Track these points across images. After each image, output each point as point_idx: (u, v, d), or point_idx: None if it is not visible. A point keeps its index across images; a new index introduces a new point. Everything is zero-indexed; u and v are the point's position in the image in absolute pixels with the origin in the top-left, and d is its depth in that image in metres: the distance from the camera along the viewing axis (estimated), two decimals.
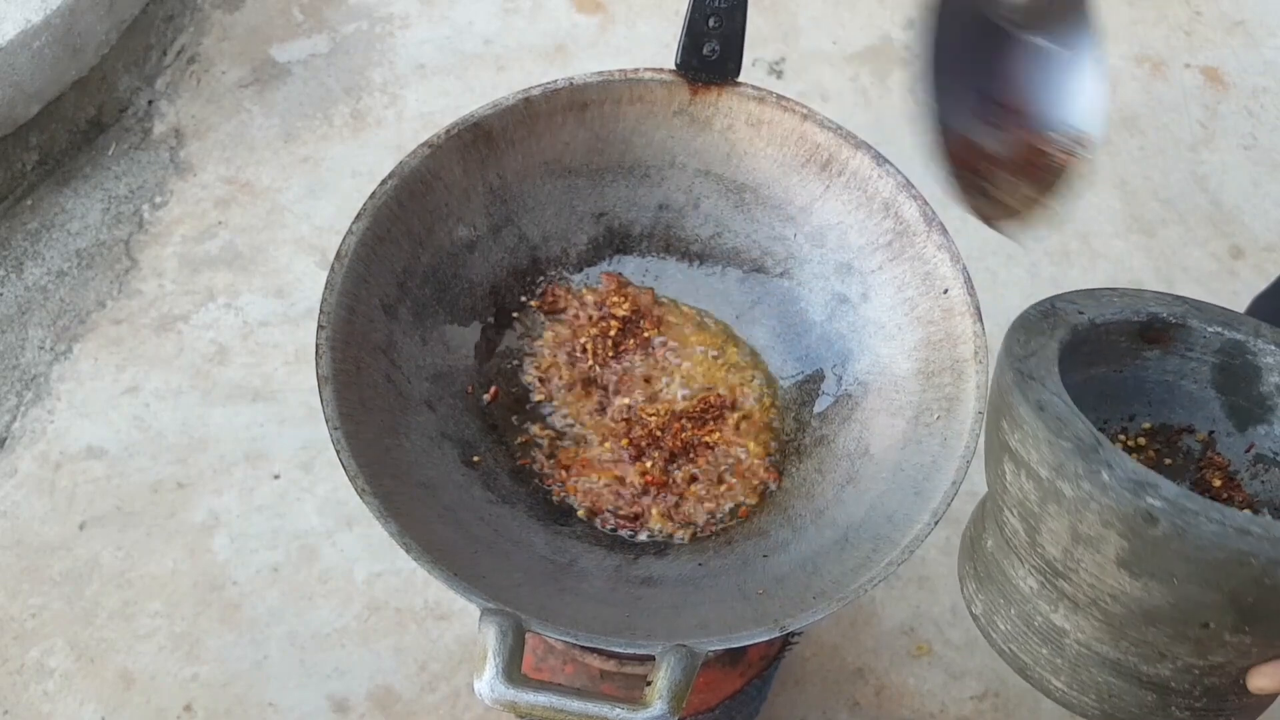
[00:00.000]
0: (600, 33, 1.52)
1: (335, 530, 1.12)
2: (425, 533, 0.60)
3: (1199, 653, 0.44)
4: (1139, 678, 0.46)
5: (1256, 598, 0.40)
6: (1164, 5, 1.59)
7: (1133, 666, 0.46)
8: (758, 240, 0.77)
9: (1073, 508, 0.43)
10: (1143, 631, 0.44)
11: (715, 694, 0.83)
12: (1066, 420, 0.45)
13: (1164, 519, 0.40)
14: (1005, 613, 0.50)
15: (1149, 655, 0.46)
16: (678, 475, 0.72)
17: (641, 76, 0.74)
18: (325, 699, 1.03)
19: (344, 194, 1.34)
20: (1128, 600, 0.43)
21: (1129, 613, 0.44)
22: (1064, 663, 0.48)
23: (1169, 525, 0.40)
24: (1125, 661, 0.46)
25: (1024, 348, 0.51)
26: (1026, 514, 0.46)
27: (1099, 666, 0.47)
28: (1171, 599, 0.42)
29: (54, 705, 1.02)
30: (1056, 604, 0.47)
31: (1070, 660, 0.48)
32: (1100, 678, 0.47)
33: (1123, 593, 0.43)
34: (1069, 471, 0.43)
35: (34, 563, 1.09)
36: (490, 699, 0.53)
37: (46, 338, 1.23)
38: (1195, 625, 0.42)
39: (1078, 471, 0.42)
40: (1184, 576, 0.41)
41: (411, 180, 0.69)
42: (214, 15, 1.50)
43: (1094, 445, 0.43)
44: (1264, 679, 0.44)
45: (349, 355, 0.64)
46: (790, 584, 0.63)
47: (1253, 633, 0.42)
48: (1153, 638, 0.44)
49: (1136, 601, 0.43)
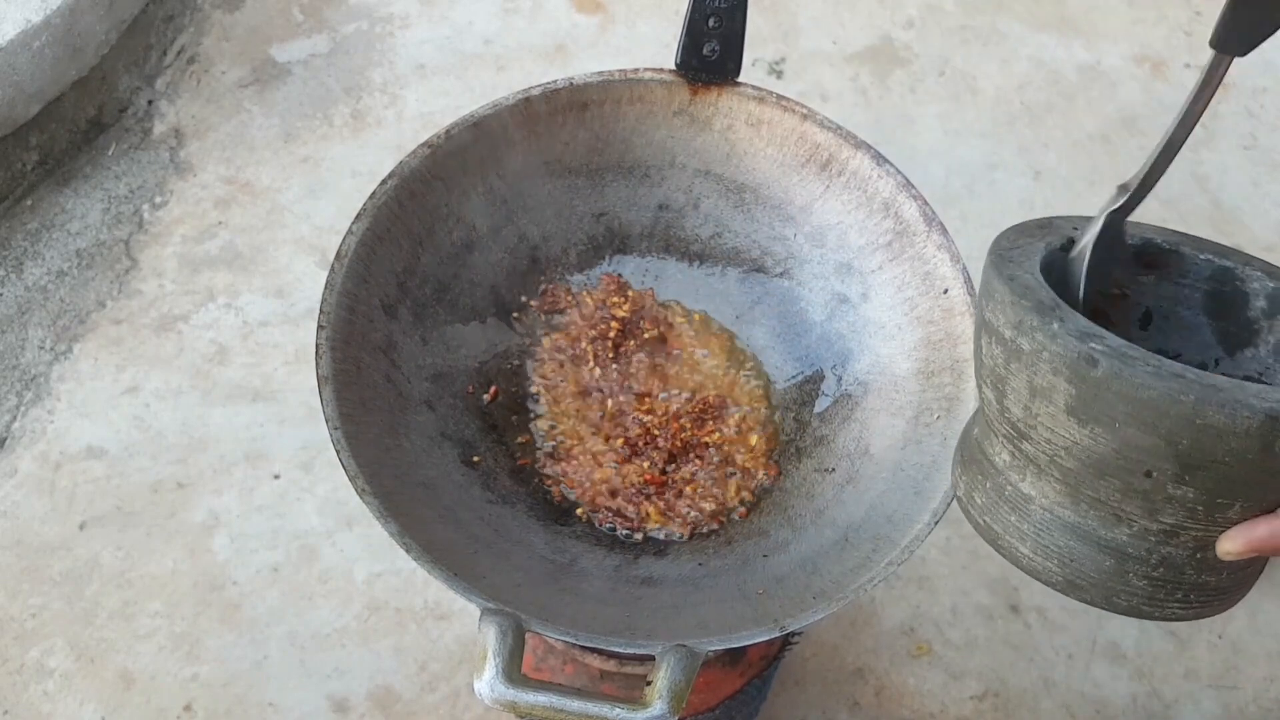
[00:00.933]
0: (600, 33, 1.52)
1: (335, 530, 1.12)
2: (425, 533, 0.60)
3: (1148, 512, 0.47)
4: (1098, 542, 0.49)
5: (1191, 441, 0.43)
6: (1164, 5, 1.59)
7: (1092, 530, 0.49)
8: (758, 240, 0.77)
9: (1030, 361, 0.46)
10: (1095, 488, 0.47)
11: (715, 694, 0.83)
12: (1032, 288, 0.49)
13: (1104, 360, 0.44)
14: (982, 486, 0.53)
15: (1105, 518, 0.49)
16: (676, 475, 0.72)
17: (641, 76, 0.74)
18: (325, 699, 1.03)
19: (344, 194, 1.34)
20: (1079, 452, 0.46)
21: (1081, 466, 0.47)
22: (1029, 528, 0.51)
23: (1108, 366, 0.44)
24: (1084, 525, 0.49)
25: (1010, 243, 0.54)
26: (996, 380, 0.49)
27: (1061, 530, 0.50)
28: (1115, 444, 0.45)
29: (54, 705, 1.02)
30: (1024, 471, 0.50)
31: (1035, 525, 0.51)
32: (1062, 541, 0.50)
33: (1074, 444, 0.46)
34: (1026, 326, 0.46)
35: (34, 563, 1.09)
36: (490, 699, 0.53)
37: (46, 338, 1.23)
38: (1139, 474, 0.45)
39: (1033, 325, 0.46)
40: (1123, 419, 0.44)
41: (411, 180, 0.69)
42: (214, 15, 1.50)
43: (1052, 305, 0.47)
44: (1229, 542, 0.46)
45: (349, 355, 0.64)
46: (790, 584, 0.63)
47: (1193, 484, 0.45)
48: (1105, 495, 0.47)
49: (1086, 451, 0.46)
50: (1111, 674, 1.07)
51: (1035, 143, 1.44)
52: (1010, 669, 1.07)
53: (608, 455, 0.72)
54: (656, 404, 0.74)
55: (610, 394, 0.74)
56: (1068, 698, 1.06)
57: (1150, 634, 1.10)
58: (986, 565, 1.12)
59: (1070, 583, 0.51)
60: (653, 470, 0.71)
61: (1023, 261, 0.52)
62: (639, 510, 0.71)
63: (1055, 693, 1.06)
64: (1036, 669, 1.07)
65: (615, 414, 0.74)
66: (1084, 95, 1.49)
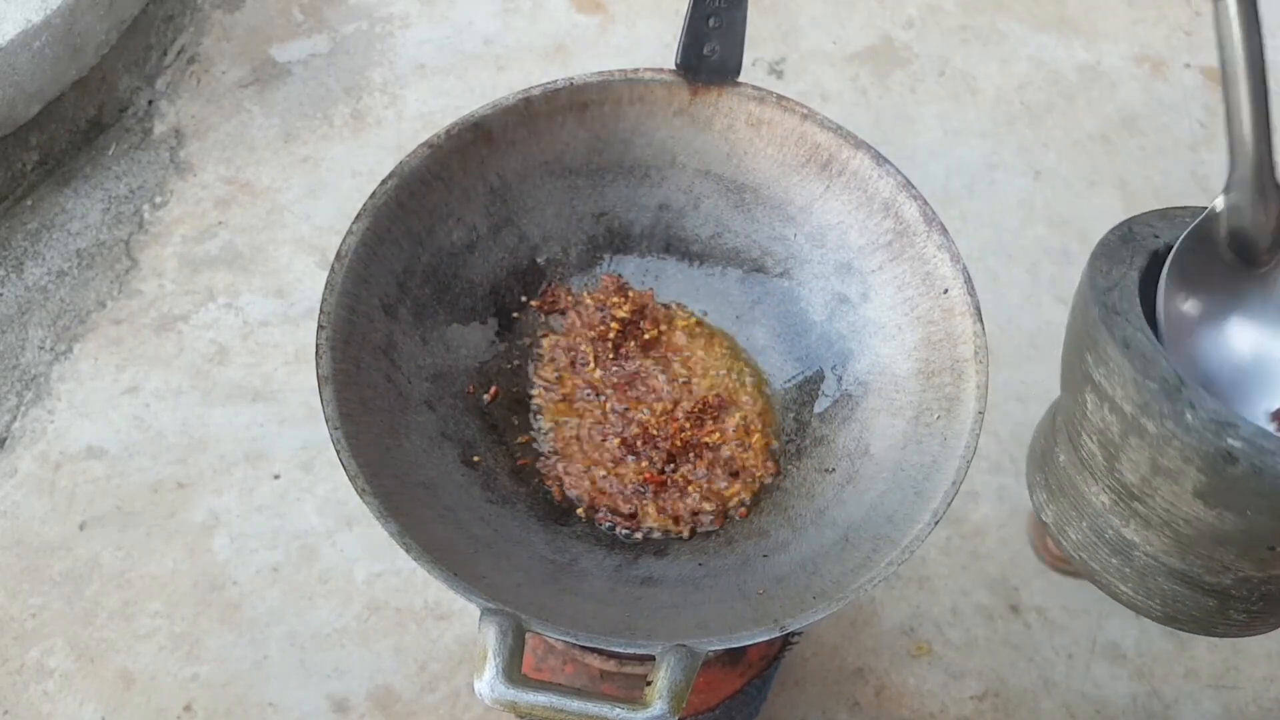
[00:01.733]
0: (600, 33, 1.52)
1: (335, 530, 1.12)
2: (425, 533, 0.60)
3: (1261, 568, 0.48)
4: (1202, 587, 0.50)
5: None
6: (1164, 5, 1.59)
7: (1197, 577, 0.50)
8: (758, 240, 0.77)
9: (1155, 443, 0.46)
10: (1211, 550, 0.48)
11: (715, 694, 0.83)
12: (1151, 359, 0.47)
13: (1243, 459, 0.43)
14: (1077, 524, 0.53)
15: (1213, 568, 0.49)
16: (676, 475, 0.72)
17: (641, 76, 0.74)
18: (325, 699, 1.03)
19: (344, 194, 1.34)
20: (1200, 525, 0.46)
21: (1200, 535, 0.47)
22: (1132, 572, 0.51)
23: (1247, 465, 0.43)
24: (1190, 572, 0.50)
25: (1107, 279, 0.52)
26: (1106, 443, 0.49)
27: (1165, 576, 0.50)
28: (1243, 527, 0.45)
29: (54, 705, 1.02)
30: (1128, 520, 0.50)
31: (1138, 570, 0.51)
32: (1166, 586, 0.51)
33: (1196, 519, 0.46)
34: (1154, 411, 0.45)
35: (34, 563, 1.09)
36: (490, 699, 0.53)
37: (46, 338, 1.23)
38: (1262, 548, 0.46)
39: (1162, 412, 0.45)
40: (1257, 509, 0.44)
41: (411, 180, 0.69)
42: (214, 15, 1.50)
43: (1178, 386, 0.46)
44: None
45: (349, 355, 0.64)
46: (790, 584, 0.63)
47: None
48: (1220, 555, 0.48)
49: (1209, 527, 0.46)
50: (1111, 674, 1.07)
51: (1035, 143, 1.44)
52: (1010, 669, 1.07)
53: (607, 455, 0.72)
54: (656, 404, 0.74)
55: (610, 394, 0.74)
56: (1068, 698, 1.06)
57: (1150, 634, 1.10)
58: (986, 565, 1.12)
59: (1170, 617, 0.51)
60: (652, 470, 0.71)
61: (1128, 311, 0.49)
62: (639, 510, 0.71)
63: (1055, 693, 1.06)
64: (1036, 669, 1.07)
65: (615, 414, 0.74)
66: (1084, 95, 1.49)
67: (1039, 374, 1.24)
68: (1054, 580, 1.11)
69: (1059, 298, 1.30)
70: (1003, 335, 1.26)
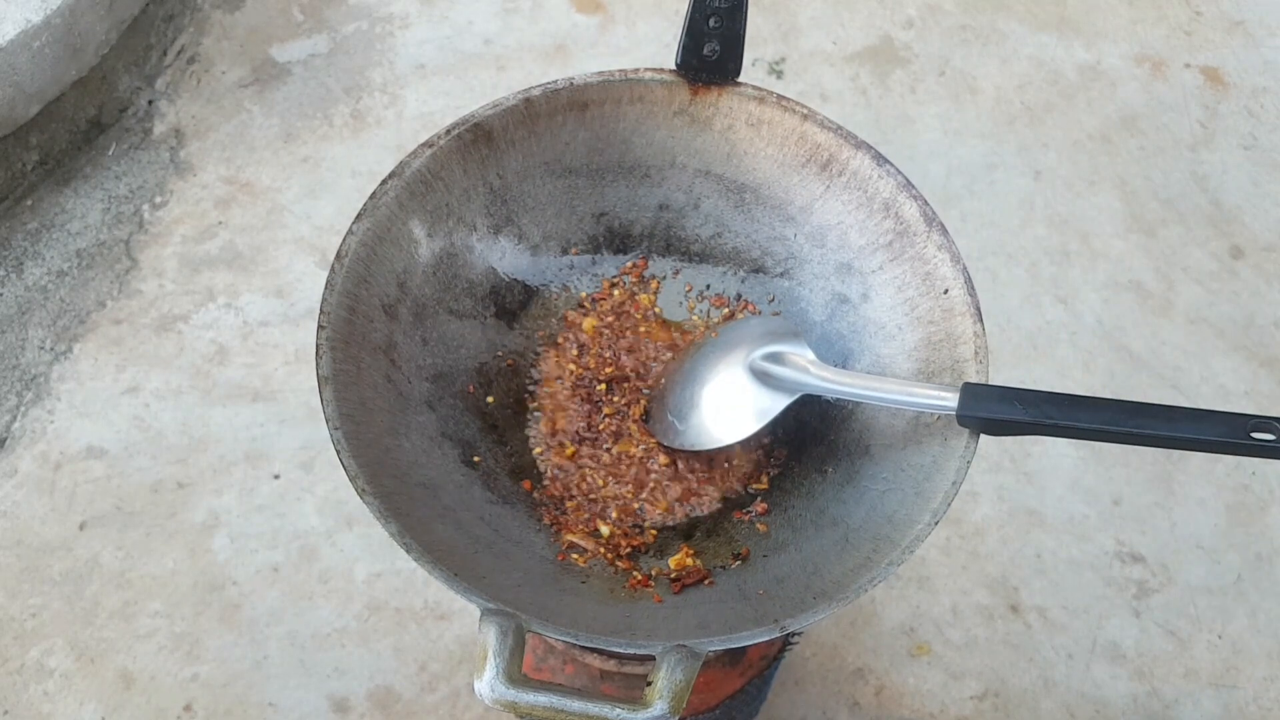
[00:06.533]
0: (600, 33, 1.52)
1: (335, 530, 1.12)
2: (425, 533, 0.60)
3: None
4: None
5: None
6: (1164, 5, 1.59)
7: None
8: (758, 240, 0.77)
9: None
10: None
11: (715, 694, 0.83)
12: None
13: None
14: None
15: None
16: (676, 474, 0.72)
17: (641, 76, 0.74)
18: (325, 699, 1.03)
19: (344, 194, 1.34)
20: None
21: None
22: None
23: None
24: None
25: None
26: None
27: None
28: None
29: (54, 705, 1.02)
30: None
31: None
32: None
33: None
34: None
35: (34, 563, 1.09)
36: (490, 699, 0.53)
37: (46, 338, 1.23)
38: None
39: None
40: None
41: (412, 180, 0.69)
42: (214, 15, 1.50)
43: None
44: None
45: (349, 355, 0.64)
46: (790, 584, 0.63)
47: None
48: None
49: None
50: (1111, 674, 1.08)
51: (1035, 143, 1.44)
52: (1010, 669, 1.07)
53: (607, 455, 0.72)
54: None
55: (610, 393, 0.74)
56: (1068, 698, 1.06)
57: (1150, 634, 1.10)
58: (986, 565, 1.12)
59: None
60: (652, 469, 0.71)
61: None
62: (639, 509, 0.71)
63: (1055, 693, 1.06)
64: (1036, 669, 1.07)
65: (615, 413, 0.74)
66: (1084, 95, 1.49)
67: (1039, 374, 1.24)
68: (1054, 580, 1.12)
69: (1059, 298, 1.30)
70: (1003, 335, 1.26)
